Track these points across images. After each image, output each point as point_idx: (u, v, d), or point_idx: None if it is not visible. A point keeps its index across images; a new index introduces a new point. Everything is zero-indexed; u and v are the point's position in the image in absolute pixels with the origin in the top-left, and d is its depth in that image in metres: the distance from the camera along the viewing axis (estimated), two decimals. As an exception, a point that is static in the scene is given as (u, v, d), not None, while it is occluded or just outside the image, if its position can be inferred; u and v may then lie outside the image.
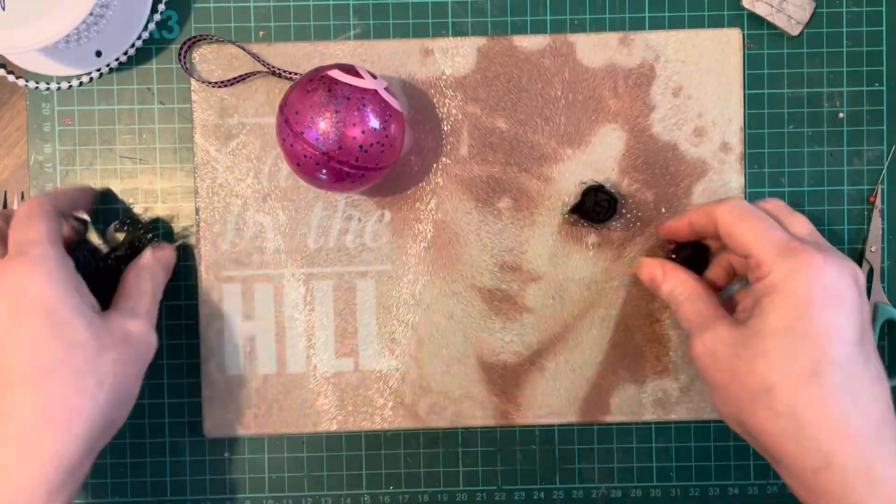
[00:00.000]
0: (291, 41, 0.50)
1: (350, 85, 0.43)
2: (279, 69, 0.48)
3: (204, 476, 0.50)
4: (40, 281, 0.40)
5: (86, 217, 0.48)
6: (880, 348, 0.51)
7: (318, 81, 0.43)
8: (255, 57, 0.49)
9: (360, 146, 0.42)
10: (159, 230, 0.50)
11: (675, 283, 0.45)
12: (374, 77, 0.44)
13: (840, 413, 0.37)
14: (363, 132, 0.42)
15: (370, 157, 0.43)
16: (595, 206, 0.48)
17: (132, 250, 0.47)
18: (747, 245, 0.41)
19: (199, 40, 0.49)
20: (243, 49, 0.49)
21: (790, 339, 0.38)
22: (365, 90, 0.43)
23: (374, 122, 0.43)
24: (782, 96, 0.50)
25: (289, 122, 0.43)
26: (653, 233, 0.50)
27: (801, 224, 0.43)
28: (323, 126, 0.42)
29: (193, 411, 0.50)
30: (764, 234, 0.41)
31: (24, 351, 0.39)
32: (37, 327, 0.39)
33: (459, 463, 0.51)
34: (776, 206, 0.44)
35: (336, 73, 0.43)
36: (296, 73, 0.49)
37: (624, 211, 0.50)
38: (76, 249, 0.45)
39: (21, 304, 0.40)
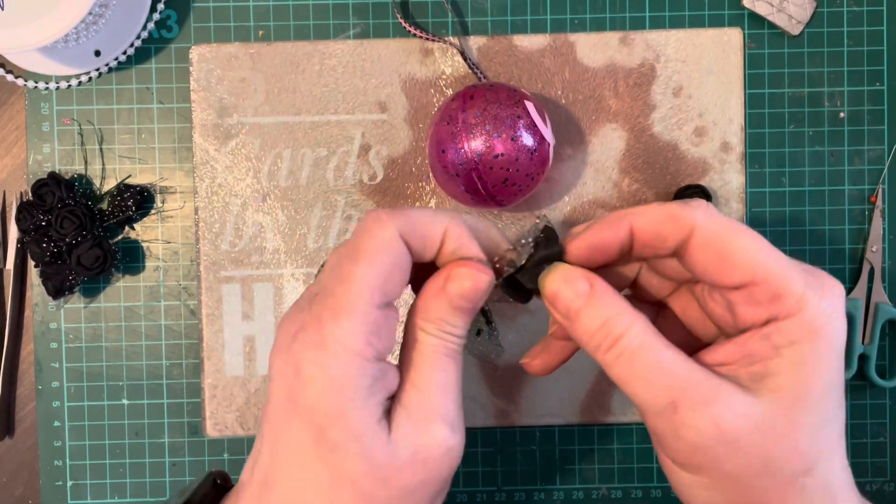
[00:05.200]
0: (291, 40, 0.50)
1: (535, 125, 0.43)
2: (475, 66, 0.48)
3: (203, 476, 0.50)
4: (316, 384, 0.29)
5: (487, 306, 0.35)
6: (880, 348, 0.51)
7: (514, 106, 0.43)
8: (462, 52, 0.48)
9: (505, 179, 0.43)
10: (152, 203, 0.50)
11: (610, 311, 0.30)
12: (547, 126, 0.44)
13: (841, 463, 0.30)
14: (517, 171, 0.43)
15: (503, 191, 0.44)
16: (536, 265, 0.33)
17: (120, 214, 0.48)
18: (756, 269, 0.29)
19: None
20: (451, 47, 0.49)
21: (837, 397, 0.29)
22: (542, 139, 0.43)
23: (528, 169, 0.43)
24: (783, 96, 0.50)
25: (467, 124, 0.43)
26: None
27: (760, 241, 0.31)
28: (492, 144, 0.42)
29: (193, 412, 0.50)
30: (775, 254, 0.29)
31: (282, 458, 0.30)
32: (299, 439, 0.29)
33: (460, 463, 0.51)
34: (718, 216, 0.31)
35: (531, 107, 0.43)
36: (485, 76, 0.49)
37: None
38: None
39: (294, 400, 0.29)
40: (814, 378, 0.28)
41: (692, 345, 0.34)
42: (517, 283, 0.32)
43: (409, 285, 0.33)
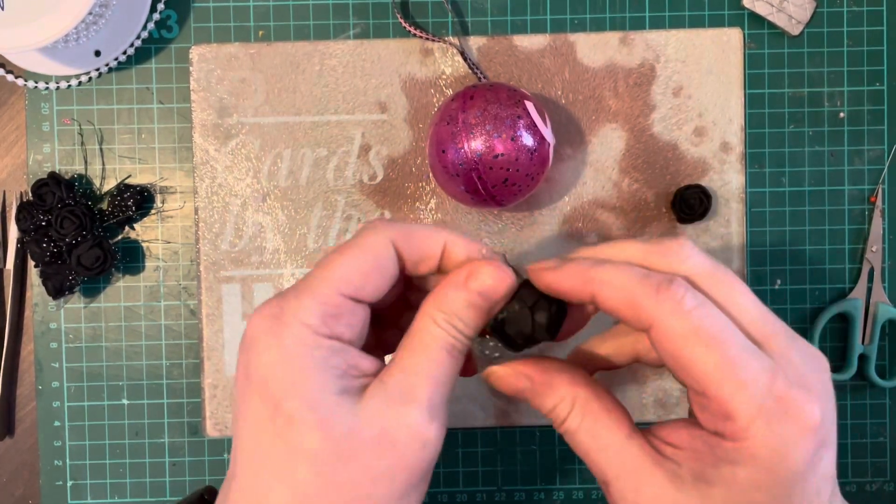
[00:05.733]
0: (291, 41, 0.50)
1: (535, 125, 0.43)
2: (475, 66, 0.48)
3: (203, 477, 0.50)
4: (270, 353, 0.28)
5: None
6: (880, 348, 0.51)
7: (514, 106, 0.43)
8: (462, 52, 0.48)
9: (505, 179, 0.43)
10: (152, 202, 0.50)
11: (554, 400, 0.31)
12: (547, 126, 0.44)
13: None
14: (517, 171, 0.43)
15: (503, 191, 0.44)
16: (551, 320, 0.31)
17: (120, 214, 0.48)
18: (708, 384, 0.27)
19: None
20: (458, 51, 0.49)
21: None
22: (542, 139, 0.43)
23: (529, 170, 0.43)
24: (783, 96, 0.50)
25: (467, 124, 0.43)
26: (654, 232, 0.50)
27: (746, 300, 0.29)
28: (492, 144, 0.42)
29: (193, 412, 0.50)
30: (737, 370, 0.27)
31: (244, 439, 0.29)
32: (256, 415, 0.28)
33: (459, 463, 0.51)
34: (704, 266, 0.29)
35: (531, 107, 0.44)
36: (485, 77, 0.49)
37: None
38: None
39: (249, 374, 0.29)
40: (746, 498, 0.27)
41: None
42: (504, 332, 0.32)
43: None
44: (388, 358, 0.31)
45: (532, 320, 0.31)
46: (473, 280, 0.30)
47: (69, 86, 0.50)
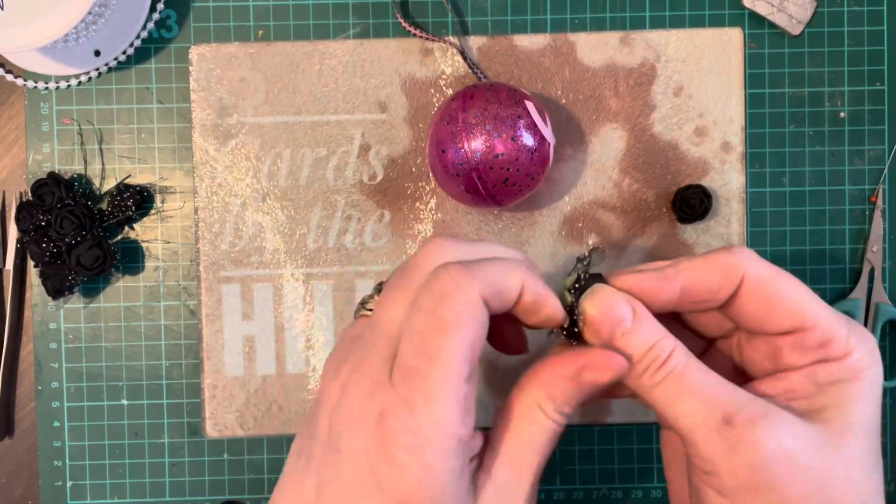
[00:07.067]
0: (291, 40, 0.50)
1: (535, 125, 0.43)
2: (475, 66, 0.48)
3: (203, 477, 0.50)
4: (412, 473, 0.27)
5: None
6: (881, 348, 0.50)
7: (515, 106, 0.43)
8: (462, 52, 0.48)
9: (505, 179, 0.43)
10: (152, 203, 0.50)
11: (656, 334, 0.30)
12: (547, 126, 0.44)
13: None
14: (517, 171, 0.43)
15: (503, 191, 0.43)
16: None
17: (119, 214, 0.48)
18: (806, 315, 0.29)
19: None
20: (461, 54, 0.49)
21: (876, 441, 0.29)
22: (543, 139, 0.43)
23: (529, 169, 0.43)
24: (783, 96, 0.50)
25: (468, 124, 0.43)
26: (654, 232, 0.50)
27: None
28: (492, 144, 0.42)
29: (193, 412, 0.50)
30: (820, 301, 0.30)
31: None
32: None
33: (459, 464, 0.51)
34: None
35: (531, 107, 0.43)
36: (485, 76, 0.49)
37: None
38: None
39: (381, 481, 0.28)
40: (859, 415, 0.28)
41: None
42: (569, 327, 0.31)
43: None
44: None
45: None
46: (590, 374, 0.29)
47: (69, 86, 0.50)
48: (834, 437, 0.28)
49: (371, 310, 0.32)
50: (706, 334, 0.34)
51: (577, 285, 0.31)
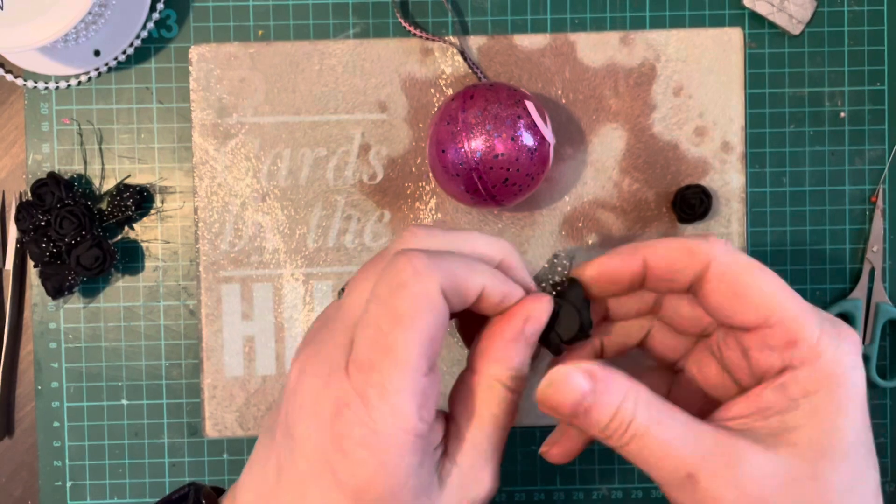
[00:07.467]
0: (291, 40, 0.50)
1: (535, 125, 0.43)
2: (475, 66, 0.48)
3: (203, 477, 0.50)
4: (367, 468, 0.26)
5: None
6: (881, 348, 0.50)
7: (515, 106, 0.43)
8: (462, 52, 0.48)
9: (505, 179, 0.43)
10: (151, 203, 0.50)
11: (617, 399, 0.28)
12: (547, 126, 0.44)
13: None
14: (517, 171, 0.43)
15: (503, 191, 0.43)
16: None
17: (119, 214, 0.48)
18: (771, 309, 0.28)
19: None
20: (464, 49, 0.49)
21: (865, 453, 0.28)
22: (543, 139, 0.43)
23: (529, 169, 0.43)
24: (783, 95, 0.50)
25: (467, 124, 0.43)
26: (654, 232, 0.49)
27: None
28: (492, 144, 0.42)
29: (192, 412, 0.50)
30: (792, 296, 0.28)
31: None
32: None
33: (459, 464, 0.51)
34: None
35: (531, 107, 0.43)
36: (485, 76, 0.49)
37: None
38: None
39: (337, 473, 0.27)
40: (835, 432, 0.27)
41: (710, 410, 0.32)
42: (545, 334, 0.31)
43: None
44: None
45: (580, 316, 0.31)
46: (531, 326, 0.29)
47: (68, 85, 0.50)
48: (807, 466, 0.26)
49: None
50: (687, 332, 0.33)
51: (558, 289, 0.32)
